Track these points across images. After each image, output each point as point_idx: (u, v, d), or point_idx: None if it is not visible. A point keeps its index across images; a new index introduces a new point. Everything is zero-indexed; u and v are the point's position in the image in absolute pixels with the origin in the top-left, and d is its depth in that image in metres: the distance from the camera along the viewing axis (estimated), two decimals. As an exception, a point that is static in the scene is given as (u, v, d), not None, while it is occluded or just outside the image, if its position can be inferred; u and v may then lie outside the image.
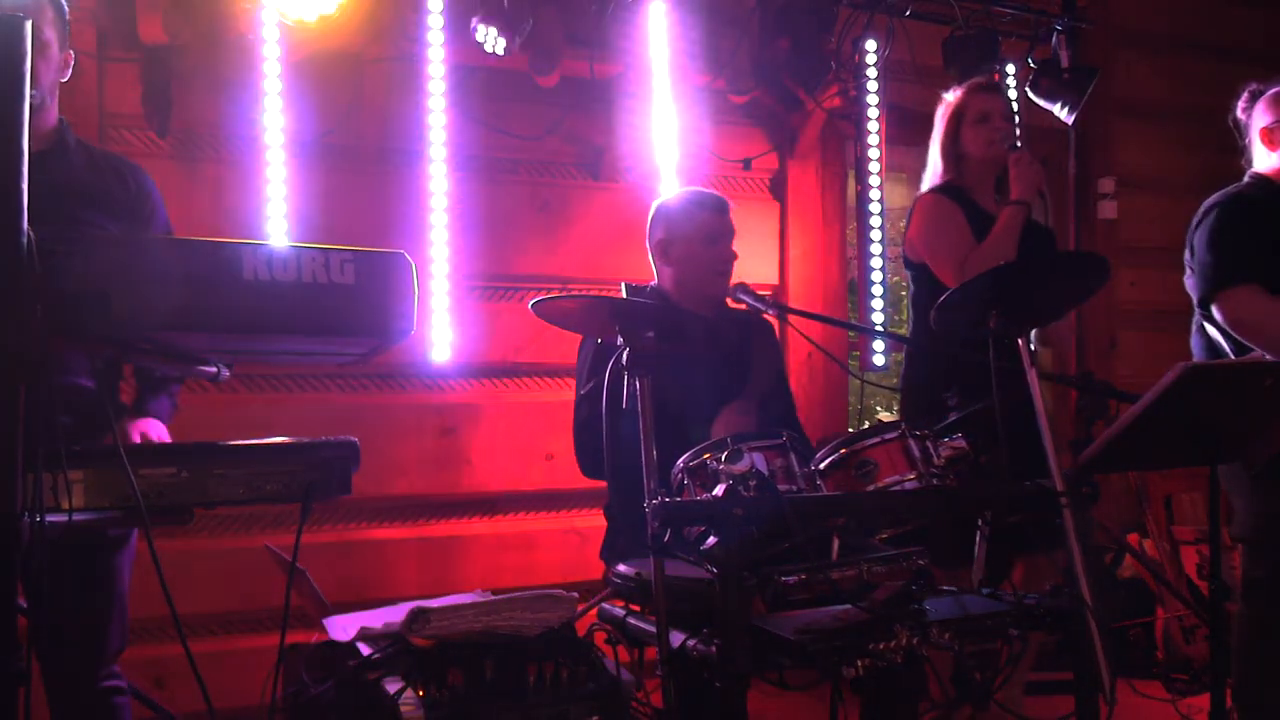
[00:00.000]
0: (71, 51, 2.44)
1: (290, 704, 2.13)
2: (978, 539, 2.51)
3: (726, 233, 2.90)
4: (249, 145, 3.26)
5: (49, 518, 1.59)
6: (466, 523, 3.72)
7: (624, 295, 2.90)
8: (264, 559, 2.59)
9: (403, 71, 3.45)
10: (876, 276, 4.04)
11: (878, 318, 4.05)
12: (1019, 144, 3.10)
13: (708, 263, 2.87)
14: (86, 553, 2.28)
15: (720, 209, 2.91)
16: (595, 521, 2.89)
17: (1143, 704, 3.79)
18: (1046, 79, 4.21)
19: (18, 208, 1.47)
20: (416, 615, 2.03)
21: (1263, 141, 2.92)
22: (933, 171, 3.22)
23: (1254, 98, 2.97)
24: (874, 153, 4.07)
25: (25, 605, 1.77)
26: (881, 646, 1.97)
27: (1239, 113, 3.02)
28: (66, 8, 2.41)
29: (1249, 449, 2.47)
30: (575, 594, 2.16)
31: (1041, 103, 4.25)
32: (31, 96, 2.28)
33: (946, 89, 3.29)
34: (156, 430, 2.46)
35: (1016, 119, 3.46)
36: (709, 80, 3.91)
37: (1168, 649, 4.08)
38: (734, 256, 2.90)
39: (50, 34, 2.35)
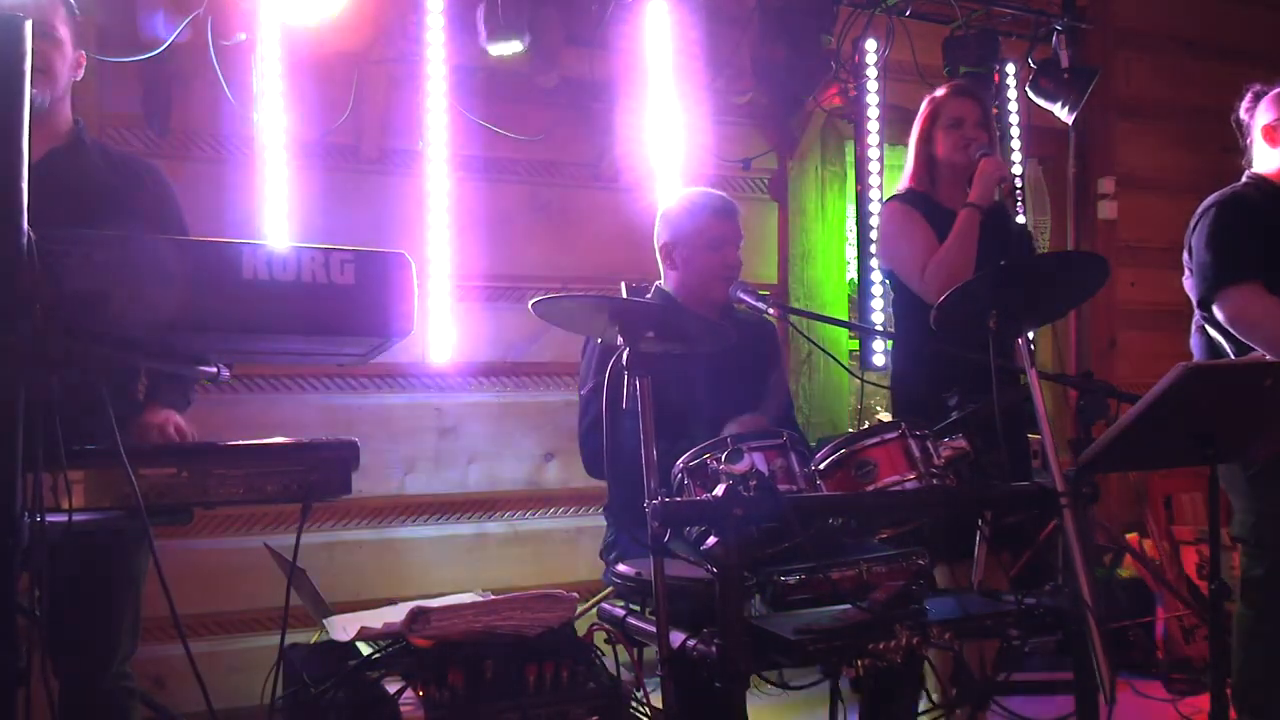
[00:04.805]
0: (83, 51, 2.44)
1: (290, 704, 2.13)
2: (978, 539, 2.52)
3: (732, 238, 2.86)
4: (249, 145, 3.26)
5: (54, 518, 1.59)
6: (466, 523, 3.72)
7: (624, 295, 2.89)
8: (264, 559, 2.59)
9: (403, 72, 3.45)
10: (876, 276, 4.04)
11: (878, 318, 4.05)
12: (989, 151, 3.08)
13: (711, 268, 2.84)
14: (101, 553, 2.28)
15: (726, 213, 2.88)
16: (595, 521, 2.90)
17: (1143, 704, 3.79)
18: (1046, 79, 4.22)
19: (18, 208, 1.47)
20: (416, 615, 2.02)
21: (1265, 139, 2.92)
22: (906, 170, 3.22)
23: (1257, 98, 2.97)
24: (874, 153, 4.07)
25: (33, 606, 1.77)
26: (881, 646, 1.96)
27: (1242, 113, 3.02)
28: (76, 7, 2.41)
29: (1249, 449, 2.47)
30: (575, 594, 2.16)
31: (1041, 103, 4.25)
32: (44, 95, 2.31)
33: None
34: (175, 421, 2.44)
35: (994, 125, 3.44)
36: (709, 80, 3.91)
37: (1168, 649, 4.08)
38: (738, 264, 2.87)
39: (64, 32, 2.35)
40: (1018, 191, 3.03)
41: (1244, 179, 2.97)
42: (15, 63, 1.47)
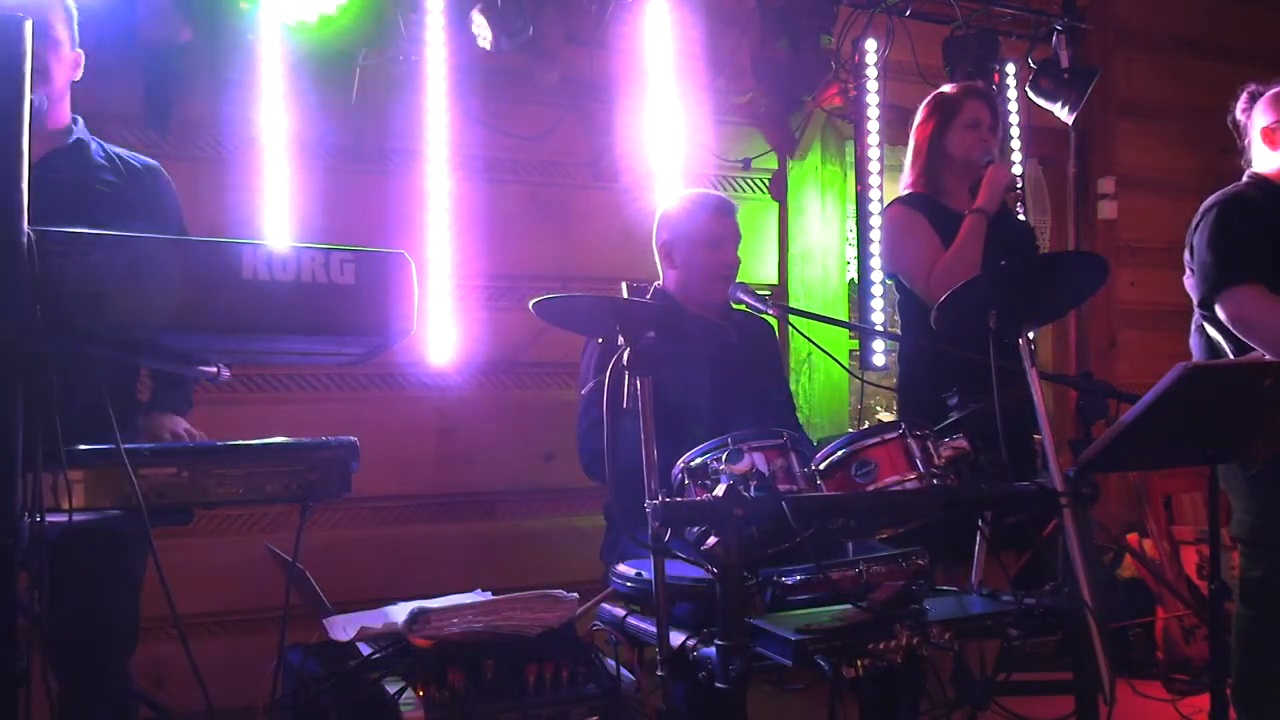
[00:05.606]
0: (80, 51, 2.45)
1: (290, 704, 2.13)
2: (978, 539, 2.52)
3: (731, 237, 2.89)
4: (249, 145, 3.26)
5: (54, 518, 1.59)
6: (466, 523, 3.71)
7: (624, 295, 2.90)
8: (264, 559, 2.59)
9: (403, 71, 3.44)
10: (876, 276, 4.04)
11: (878, 318, 4.05)
12: (996, 157, 3.10)
13: (710, 267, 2.85)
14: (101, 553, 2.28)
15: (725, 212, 2.90)
16: (595, 521, 2.90)
17: (1143, 704, 3.79)
18: (1046, 79, 4.22)
19: (18, 208, 1.47)
20: (416, 615, 2.03)
21: (1263, 141, 2.92)
22: (907, 169, 3.21)
23: (1254, 99, 2.98)
24: (874, 153, 4.07)
25: (34, 606, 1.77)
26: (881, 646, 1.97)
27: (1239, 114, 3.02)
28: (75, 7, 2.42)
29: (1249, 449, 2.47)
30: (575, 594, 2.16)
31: (1041, 103, 4.25)
32: (44, 96, 2.31)
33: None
34: (183, 425, 2.46)
35: (1008, 129, 3.45)
36: (709, 80, 3.90)
37: (1168, 649, 4.08)
38: (737, 262, 2.88)
39: (62, 33, 2.36)
40: (1018, 191, 3.04)
41: (1245, 179, 2.97)
42: (15, 63, 1.48)
